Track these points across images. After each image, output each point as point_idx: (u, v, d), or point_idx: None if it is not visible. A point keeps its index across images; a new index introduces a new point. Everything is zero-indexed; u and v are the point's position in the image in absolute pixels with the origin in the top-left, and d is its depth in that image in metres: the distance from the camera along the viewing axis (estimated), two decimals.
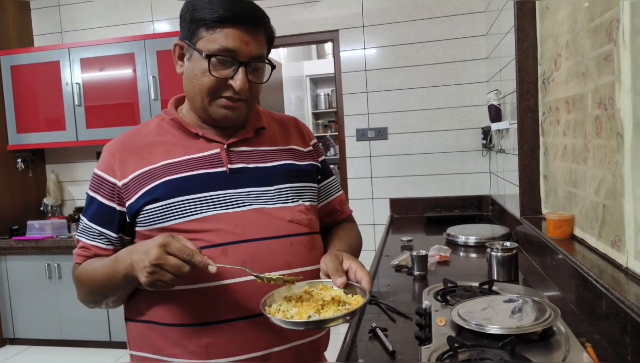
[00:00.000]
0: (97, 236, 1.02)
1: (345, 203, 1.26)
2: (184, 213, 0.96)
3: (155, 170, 0.99)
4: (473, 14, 3.06)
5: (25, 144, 3.47)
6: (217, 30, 0.95)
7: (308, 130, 1.21)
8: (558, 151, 1.70)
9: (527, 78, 1.95)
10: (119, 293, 0.99)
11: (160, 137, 1.05)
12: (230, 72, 0.97)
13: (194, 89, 1.00)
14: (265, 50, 1.03)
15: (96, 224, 1.02)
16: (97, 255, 1.02)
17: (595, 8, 1.30)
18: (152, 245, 0.84)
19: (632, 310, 0.95)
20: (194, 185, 0.98)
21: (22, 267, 3.31)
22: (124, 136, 1.07)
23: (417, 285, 1.66)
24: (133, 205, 0.98)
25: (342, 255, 0.96)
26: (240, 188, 1.00)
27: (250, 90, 1.00)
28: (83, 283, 1.02)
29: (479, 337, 1.00)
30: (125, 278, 0.91)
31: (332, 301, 0.88)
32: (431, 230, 2.70)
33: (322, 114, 6.93)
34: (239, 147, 1.05)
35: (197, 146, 1.03)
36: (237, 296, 0.95)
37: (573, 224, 1.55)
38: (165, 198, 0.96)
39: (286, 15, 3.31)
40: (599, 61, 1.28)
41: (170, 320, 0.97)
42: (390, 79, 3.21)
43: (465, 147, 3.14)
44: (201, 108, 1.01)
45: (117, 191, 1.00)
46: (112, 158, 1.02)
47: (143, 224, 0.98)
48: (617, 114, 1.16)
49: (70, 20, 3.68)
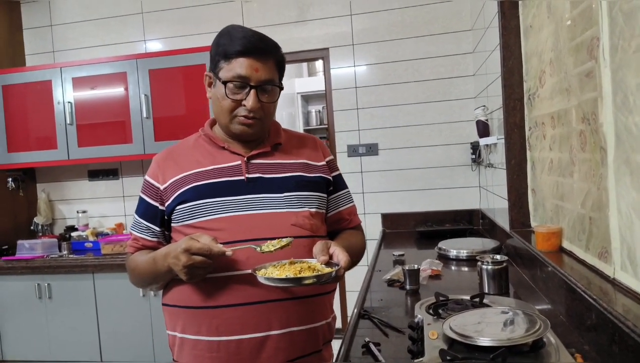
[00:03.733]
0: (145, 230, 1.25)
1: (355, 213, 1.42)
2: (206, 213, 1.16)
3: (187, 177, 1.20)
4: (460, 32, 3.13)
5: (16, 163, 3.45)
6: (232, 61, 1.16)
7: (325, 148, 1.37)
8: (545, 165, 1.73)
9: (513, 94, 2.00)
10: (160, 283, 1.24)
11: (195, 150, 1.26)
12: (243, 95, 1.17)
13: (217, 111, 1.22)
14: (275, 74, 1.21)
15: (144, 220, 1.25)
16: (144, 246, 1.26)
17: (576, 27, 1.34)
18: (179, 252, 1.05)
19: (619, 320, 0.96)
20: (216, 190, 1.18)
21: (12, 287, 3.26)
22: (170, 148, 1.30)
23: (410, 299, 1.67)
24: (170, 205, 1.20)
25: (330, 242, 1.13)
26: (254, 194, 1.19)
27: (263, 109, 1.19)
28: (134, 272, 1.26)
29: (471, 349, 1.01)
30: (166, 275, 1.16)
31: (309, 269, 1.05)
32: (423, 244, 2.72)
33: (314, 131, 6.95)
34: (257, 159, 1.24)
35: (222, 158, 1.23)
36: (242, 285, 1.13)
37: (561, 237, 1.57)
38: (192, 199, 1.17)
39: (277, 34, 3.32)
40: (582, 78, 1.32)
41: (190, 303, 1.16)
42: (380, 96, 3.26)
43: (455, 162, 3.18)
44: (224, 126, 1.23)
45: (159, 194, 1.23)
46: (158, 166, 1.25)
47: (176, 221, 1.20)
48: (600, 129, 1.20)
49: (62, 40, 3.70)
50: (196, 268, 1.05)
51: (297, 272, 1.03)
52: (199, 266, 1.05)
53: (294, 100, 6.37)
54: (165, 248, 1.15)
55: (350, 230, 1.38)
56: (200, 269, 1.06)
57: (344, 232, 1.36)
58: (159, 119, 3.22)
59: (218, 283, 1.14)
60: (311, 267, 1.06)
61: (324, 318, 1.23)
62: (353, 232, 1.38)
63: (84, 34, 3.66)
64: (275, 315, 1.13)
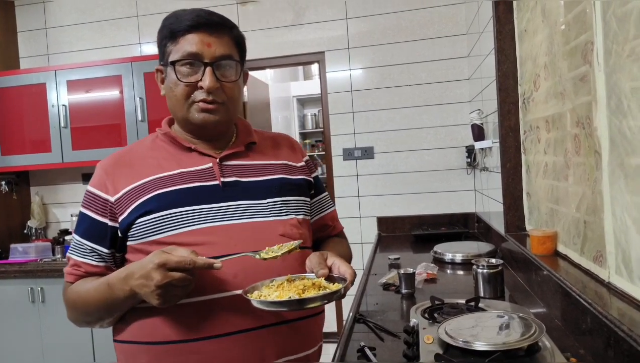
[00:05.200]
0: (89, 253, 1.02)
1: (337, 219, 1.29)
2: (176, 225, 0.97)
3: (148, 184, 1.00)
4: (455, 36, 3.14)
5: (10, 166, 3.43)
6: (180, 40, 1.00)
7: (300, 147, 1.24)
8: (540, 168, 1.74)
9: (508, 98, 2.00)
10: (116, 315, 1.00)
11: (153, 152, 1.06)
12: (198, 76, 0.99)
13: (172, 103, 1.04)
14: (233, 51, 1.04)
15: (88, 241, 1.02)
16: (88, 273, 1.02)
17: (570, 31, 1.35)
18: (150, 269, 0.84)
19: (614, 324, 0.96)
20: (187, 198, 0.99)
21: (5, 291, 3.24)
22: (118, 153, 1.08)
23: (405, 303, 1.66)
24: (125, 219, 0.99)
25: (327, 253, 0.99)
26: (233, 201, 1.01)
27: (225, 91, 1.02)
28: (75, 305, 1.02)
29: (466, 353, 1.00)
30: (125, 304, 0.94)
31: (313, 286, 0.89)
32: (418, 247, 2.72)
33: (309, 134, 6.97)
34: (231, 161, 1.07)
35: (190, 160, 1.05)
36: (227, 310, 0.94)
37: (556, 241, 1.57)
38: (157, 210, 0.97)
39: (273, 38, 3.36)
40: (576, 82, 1.32)
41: (158, 338, 0.96)
42: (375, 99, 3.26)
43: (450, 165, 3.19)
44: (183, 119, 1.04)
45: (109, 207, 1.01)
46: (105, 174, 1.03)
47: (135, 238, 0.98)
48: (595, 133, 1.20)
49: (57, 43, 3.69)
50: (173, 287, 0.85)
51: (301, 292, 0.87)
52: (177, 285, 0.84)
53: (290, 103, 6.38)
54: (125, 269, 0.93)
55: (335, 238, 1.25)
56: (179, 289, 0.86)
57: (330, 241, 1.22)
58: (154, 122, 3.20)
59: (196, 310, 0.94)
60: (315, 284, 0.91)
61: (316, 343, 1.09)
62: (338, 240, 1.24)
63: (79, 37, 3.64)
64: (269, 343, 0.96)
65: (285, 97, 6.14)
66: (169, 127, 1.10)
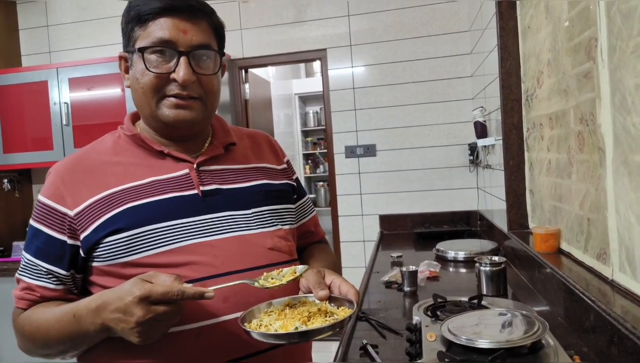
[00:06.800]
0: (44, 275, 0.87)
1: (318, 224, 1.18)
2: (151, 244, 0.83)
3: (116, 195, 0.86)
4: (457, 33, 3.13)
5: (12, 164, 3.44)
6: (150, 25, 0.86)
7: (280, 147, 1.13)
8: (543, 166, 1.73)
9: (511, 95, 1.99)
10: (82, 349, 0.85)
11: (117, 157, 0.92)
12: (171, 66, 0.86)
13: (138, 97, 0.89)
14: (212, 39, 0.91)
15: (42, 261, 0.87)
16: (43, 297, 0.88)
17: (574, 28, 1.34)
18: (129, 302, 0.70)
19: (618, 322, 0.96)
20: (162, 212, 0.85)
21: (7, 289, 3.24)
22: (73, 156, 0.93)
23: (408, 300, 1.66)
24: (89, 238, 0.84)
25: (324, 271, 0.87)
26: (215, 213, 0.89)
27: (202, 85, 0.89)
28: (33, 337, 0.86)
29: (469, 351, 1.00)
30: (95, 338, 0.79)
31: (319, 312, 0.79)
32: (421, 245, 2.71)
33: (311, 132, 6.96)
34: (209, 166, 0.94)
35: (162, 166, 0.91)
36: (218, 338, 0.83)
37: (559, 238, 1.57)
38: (129, 228, 0.83)
39: (275, 35, 3.35)
40: (579, 79, 1.31)
41: None
42: (378, 97, 3.25)
43: (453, 163, 3.18)
44: (151, 116, 0.90)
45: (68, 222, 0.86)
46: (61, 182, 0.88)
47: (102, 259, 0.84)
48: (598, 130, 1.19)
49: (59, 41, 3.69)
50: (157, 323, 0.71)
51: (306, 320, 0.76)
52: (161, 320, 0.71)
53: (292, 101, 6.37)
54: (96, 298, 0.77)
55: (318, 245, 1.14)
56: (163, 324, 0.73)
57: (314, 250, 1.11)
58: None
59: (182, 339, 0.81)
60: (321, 310, 0.79)
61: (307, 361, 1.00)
62: (323, 250, 1.13)
63: (81, 35, 3.64)
64: None
65: (287, 95, 6.13)
66: (134, 125, 0.97)
